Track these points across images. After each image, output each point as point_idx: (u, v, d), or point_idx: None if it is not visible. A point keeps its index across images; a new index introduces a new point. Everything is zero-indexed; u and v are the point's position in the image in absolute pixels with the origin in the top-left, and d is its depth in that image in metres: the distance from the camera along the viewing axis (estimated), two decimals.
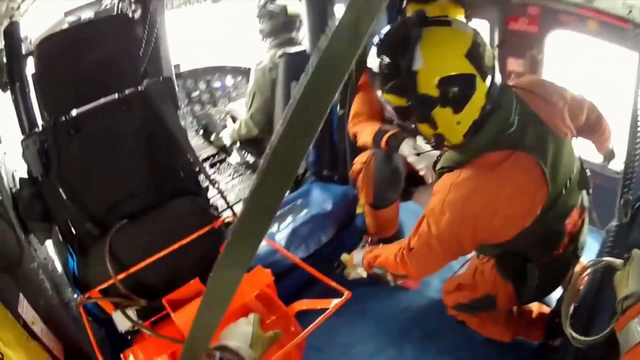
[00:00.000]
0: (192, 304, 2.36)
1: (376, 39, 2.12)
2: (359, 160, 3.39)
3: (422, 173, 2.98)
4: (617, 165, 3.70)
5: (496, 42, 4.37)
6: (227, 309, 0.93)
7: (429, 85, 1.98)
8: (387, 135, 3.07)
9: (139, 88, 2.62)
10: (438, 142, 2.17)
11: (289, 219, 3.51)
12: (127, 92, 2.58)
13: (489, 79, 2.02)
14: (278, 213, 3.43)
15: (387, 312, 3.37)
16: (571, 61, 3.55)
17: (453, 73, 1.96)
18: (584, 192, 2.48)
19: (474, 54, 1.96)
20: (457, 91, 1.98)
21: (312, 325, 2.13)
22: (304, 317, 2.30)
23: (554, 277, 2.61)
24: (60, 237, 2.57)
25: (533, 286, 2.49)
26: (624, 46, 3.12)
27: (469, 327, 3.10)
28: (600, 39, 3.32)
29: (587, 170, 2.51)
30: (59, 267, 2.61)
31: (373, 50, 2.11)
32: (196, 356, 1.08)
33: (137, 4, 2.70)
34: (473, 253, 2.77)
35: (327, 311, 2.17)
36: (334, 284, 2.37)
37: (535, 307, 3.04)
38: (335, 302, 2.22)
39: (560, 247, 2.45)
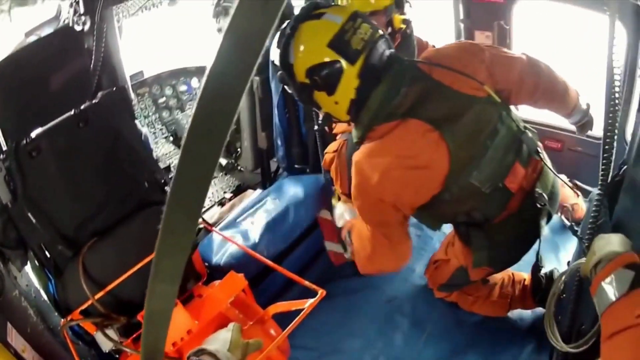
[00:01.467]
0: None
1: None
2: (330, 149, 3.41)
3: None
4: (597, 131, 3.74)
5: (461, 16, 4.38)
6: (168, 323, 0.90)
7: (301, 75, 2.31)
8: None
9: (94, 101, 2.58)
10: (326, 119, 2.53)
11: (263, 214, 3.50)
12: (82, 106, 2.55)
13: (360, 60, 2.26)
14: (249, 211, 3.51)
15: (373, 304, 3.40)
16: (540, 29, 3.52)
17: (317, 62, 2.25)
18: (525, 149, 2.56)
19: (338, 41, 2.23)
20: (325, 77, 2.27)
21: (289, 327, 2.17)
22: (287, 318, 2.30)
23: (522, 237, 2.66)
24: (37, 262, 2.60)
25: (484, 249, 2.58)
26: (593, 9, 3.13)
27: (462, 308, 3.18)
28: (570, 3, 3.40)
29: (531, 130, 2.64)
30: (42, 292, 2.62)
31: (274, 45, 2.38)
32: None
33: (86, 16, 2.66)
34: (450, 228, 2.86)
35: (303, 311, 2.21)
36: (307, 283, 2.42)
37: (527, 275, 3.08)
38: (310, 302, 2.25)
39: (509, 206, 2.54)
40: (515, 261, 2.78)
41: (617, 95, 1.90)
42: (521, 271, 3.09)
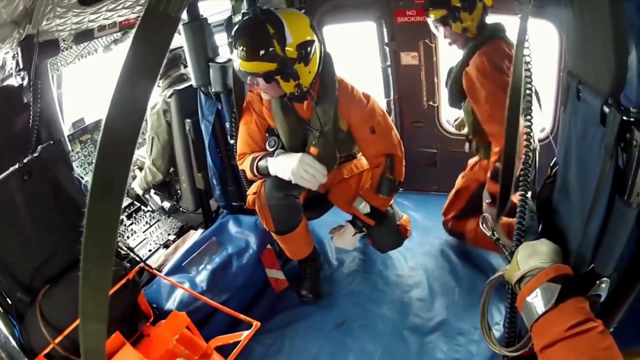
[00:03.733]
0: (117, 357, 2.62)
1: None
2: (250, 191, 3.58)
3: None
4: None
5: (385, 39, 4.63)
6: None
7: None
8: (256, 160, 3.39)
9: (35, 155, 2.71)
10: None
11: (206, 259, 3.66)
12: (25, 161, 2.67)
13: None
14: (194, 254, 3.61)
15: (324, 330, 3.57)
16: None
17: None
18: None
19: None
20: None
21: (230, 357, 2.37)
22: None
23: None
24: (1, 309, 2.71)
25: None
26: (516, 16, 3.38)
27: (466, 242, 3.69)
28: (496, 14, 3.57)
29: None
30: (10, 337, 2.72)
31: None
32: None
33: (24, 71, 2.75)
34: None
35: (240, 343, 2.40)
36: (242, 317, 2.64)
37: None
38: (246, 334, 2.46)
39: None
40: None
41: (524, 95, 2.00)
42: None
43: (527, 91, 1.96)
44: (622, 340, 1.39)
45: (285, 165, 3.19)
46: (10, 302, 2.67)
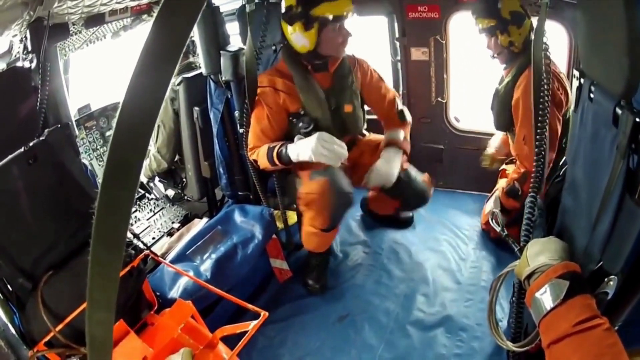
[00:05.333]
0: (121, 345, 2.60)
1: None
2: (309, 190, 3.51)
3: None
4: None
5: (396, 34, 4.61)
6: (111, 349, 0.97)
7: None
8: (275, 149, 3.38)
9: (41, 138, 2.68)
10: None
11: (211, 248, 3.64)
12: (31, 144, 2.64)
13: None
14: (199, 243, 3.61)
15: (327, 323, 3.58)
16: (476, 41, 3.73)
17: None
18: None
19: None
20: None
21: (236, 347, 2.31)
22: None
23: None
24: (1, 296, 2.69)
25: None
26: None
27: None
28: None
29: None
30: (9, 325, 2.71)
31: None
32: None
33: (33, 54, 2.74)
34: None
35: (248, 333, 2.36)
36: (250, 306, 2.57)
37: None
38: (253, 324, 2.42)
39: None
40: None
41: (545, 96, 2.09)
42: None
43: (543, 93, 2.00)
44: (627, 340, 1.40)
45: (305, 146, 3.23)
46: (11, 289, 2.64)
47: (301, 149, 3.24)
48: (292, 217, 4.06)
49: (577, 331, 1.42)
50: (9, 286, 2.61)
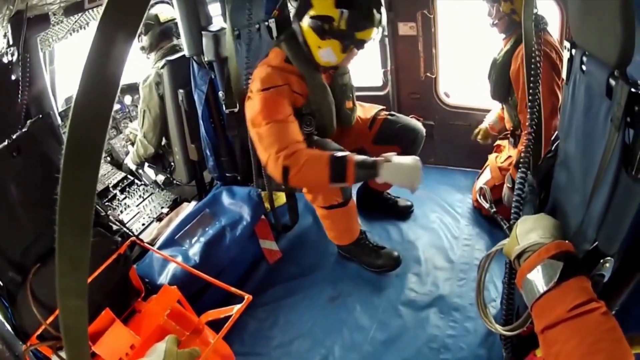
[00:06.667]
0: (107, 334, 2.56)
1: None
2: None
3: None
4: None
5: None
6: (86, 336, 0.95)
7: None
8: (352, 162, 3.02)
9: (24, 130, 2.65)
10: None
11: (199, 232, 3.61)
12: (14, 136, 2.61)
13: None
14: (187, 227, 3.58)
15: (317, 304, 3.55)
16: (465, 16, 3.69)
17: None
18: None
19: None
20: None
21: (221, 332, 2.30)
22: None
23: None
24: None
25: None
26: None
27: None
28: None
29: None
30: (4, 321, 2.69)
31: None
32: None
33: (13, 47, 2.70)
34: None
35: (232, 317, 2.35)
36: (233, 290, 2.56)
37: None
38: (237, 308, 2.40)
39: None
40: None
41: (537, 70, 2.01)
42: None
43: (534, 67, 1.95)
44: (623, 326, 1.34)
45: (404, 172, 2.99)
46: (2, 284, 2.62)
47: (399, 174, 3.00)
48: (280, 198, 4.01)
49: (572, 316, 1.36)
50: None
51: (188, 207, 4.24)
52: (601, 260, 1.46)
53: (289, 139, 3.07)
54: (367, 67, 5.01)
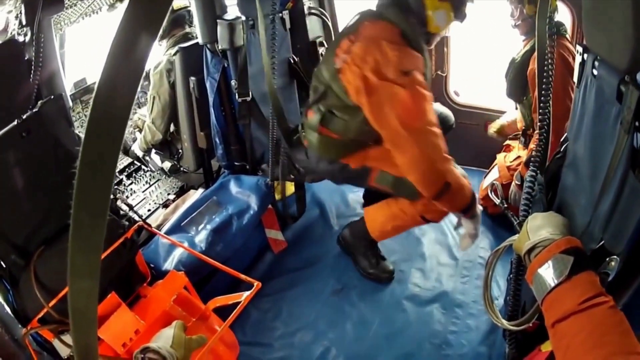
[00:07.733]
0: (112, 318, 2.54)
1: None
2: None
3: None
4: None
5: None
6: (95, 319, 0.92)
7: None
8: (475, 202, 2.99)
9: (34, 110, 2.63)
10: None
11: (206, 219, 3.62)
12: (24, 117, 2.60)
13: None
14: (194, 214, 3.61)
15: (321, 296, 3.57)
16: (477, 15, 3.66)
17: None
18: None
19: None
20: None
21: (228, 318, 2.30)
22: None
23: None
24: None
25: None
26: None
27: None
28: None
29: None
30: (4, 303, 2.68)
31: None
32: None
33: (27, 27, 2.69)
34: None
35: (240, 304, 2.34)
36: (243, 277, 2.56)
37: None
38: (246, 294, 2.40)
39: None
40: None
41: (550, 70, 2.01)
42: None
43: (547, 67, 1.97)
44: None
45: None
46: (4, 266, 2.60)
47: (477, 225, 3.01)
48: (289, 188, 4.01)
49: (582, 309, 1.36)
50: (2, 263, 2.57)
51: (194, 195, 4.24)
52: (607, 259, 1.49)
53: (445, 149, 2.86)
54: None
